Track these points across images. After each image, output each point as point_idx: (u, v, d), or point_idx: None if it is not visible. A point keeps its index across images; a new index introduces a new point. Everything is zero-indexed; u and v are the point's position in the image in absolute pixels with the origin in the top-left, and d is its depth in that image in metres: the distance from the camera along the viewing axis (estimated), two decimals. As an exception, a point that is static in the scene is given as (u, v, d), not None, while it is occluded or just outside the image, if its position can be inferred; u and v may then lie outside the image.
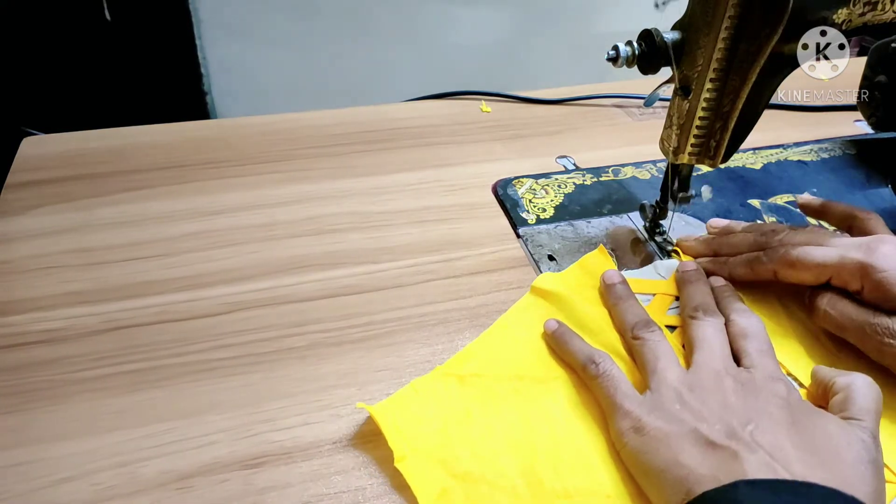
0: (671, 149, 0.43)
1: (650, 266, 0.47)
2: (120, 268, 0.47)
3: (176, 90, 1.28)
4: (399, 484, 0.34)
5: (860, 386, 0.34)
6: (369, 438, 0.36)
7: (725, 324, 0.39)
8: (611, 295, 0.43)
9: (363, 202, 0.54)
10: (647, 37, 0.40)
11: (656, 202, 0.48)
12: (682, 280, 0.44)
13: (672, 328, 0.42)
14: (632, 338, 0.39)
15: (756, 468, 0.29)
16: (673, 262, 0.46)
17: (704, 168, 0.54)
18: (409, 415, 0.36)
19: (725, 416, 0.32)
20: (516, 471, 0.34)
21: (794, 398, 0.34)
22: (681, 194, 0.46)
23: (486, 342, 0.41)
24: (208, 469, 0.35)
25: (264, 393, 0.39)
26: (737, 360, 0.37)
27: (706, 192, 0.46)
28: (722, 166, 0.50)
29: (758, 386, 0.34)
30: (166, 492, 0.34)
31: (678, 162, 0.44)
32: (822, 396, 0.36)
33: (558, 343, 0.40)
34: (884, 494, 0.30)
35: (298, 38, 1.31)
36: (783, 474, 0.29)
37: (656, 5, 1.18)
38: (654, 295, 0.44)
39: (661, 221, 0.49)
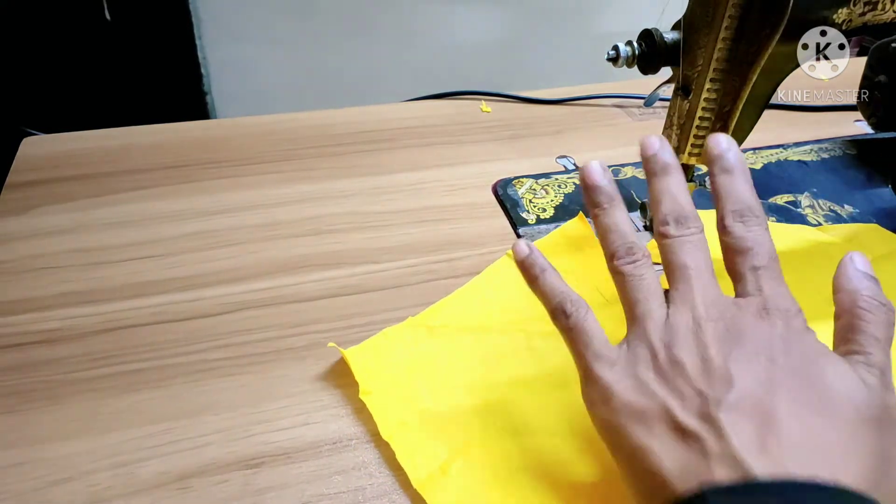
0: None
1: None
2: (119, 268, 0.47)
3: (176, 90, 1.28)
4: (399, 484, 0.34)
5: (867, 307, 0.29)
6: (369, 438, 0.36)
7: (718, 230, 0.31)
8: (598, 198, 0.34)
9: (363, 202, 0.54)
10: (647, 37, 0.40)
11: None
12: (646, 168, 0.34)
13: None
14: (611, 270, 0.32)
15: (723, 466, 0.25)
16: (647, 237, 0.47)
17: (705, 168, 0.54)
18: (377, 357, 0.39)
19: (701, 383, 0.27)
20: (470, 409, 0.37)
21: (791, 341, 0.28)
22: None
23: (457, 298, 0.44)
24: (207, 469, 0.35)
25: (263, 393, 0.39)
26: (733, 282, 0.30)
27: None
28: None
29: (747, 329, 0.28)
30: (165, 492, 0.33)
31: (678, 162, 0.44)
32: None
33: (528, 274, 0.33)
34: (893, 447, 0.26)
35: (298, 38, 1.31)
36: (753, 471, 0.24)
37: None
38: None
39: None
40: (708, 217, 0.31)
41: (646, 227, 0.50)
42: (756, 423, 0.26)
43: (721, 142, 0.32)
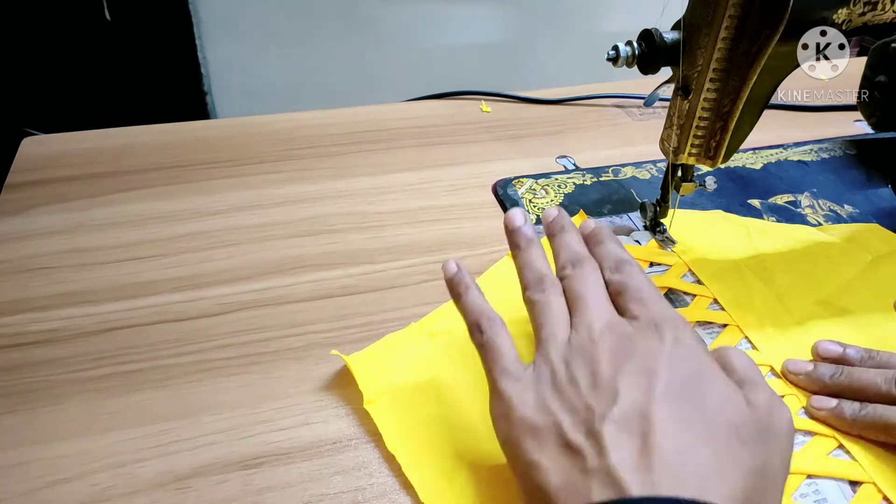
0: (671, 149, 0.43)
1: (626, 238, 0.50)
2: (118, 268, 0.47)
3: (176, 90, 1.28)
4: (399, 484, 0.34)
5: (732, 352, 0.31)
6: (369, 438, 0.36)
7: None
8: (517, 240, 0.37)
9: (362, 202, 0.54)
10: (647, 37, 0.40)
11: (657, 201, 0.48)
12: (548, 233, 0.37)
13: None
14: (525, 300, 0.34)
15: (601, 484, 0.26)
16: (647, 235, 0.50)
17: (704, 167, 0.54)
18: (380, 364, 0.39)
19: (590, 398, 0.29)
20: (477, 416, 0.36)
21: (680, 351, 0.29)
22: (684, 184, 0.45)
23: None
24: (207, 469, 0.34)
25: (262, 393, 0.39)
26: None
27: (710, 182, 0.46)
28: (722, 166, 0.50)
29: (637, 343, 0.30)
30: (165, 492, 0.33)
31: (678, 162, 0.44)
32: None
33: (453, 291, 0.35)
34: (771, 465, 0.27)
35: (298, 38, 1.31)
36: (629, 489, 0.25)
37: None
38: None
39: (661, 220, 0.49)
40: (706, 217, 0.32)
41: (645, 227, 0.50)
42: (635, 439, 0.27)
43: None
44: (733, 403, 0.28)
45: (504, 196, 0.55)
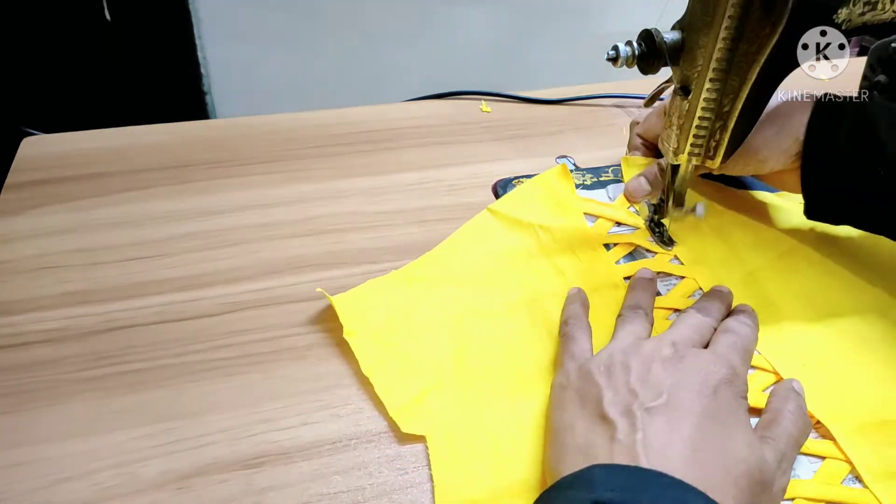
0: (671, 149, 0.43)
1: (602, 189, 0.53)
2: (119, 268, 0.47)
3: (176, 90, 1.28)
4: (399, 484, 0.34)
5: (791, 411, 0.34)
6: (369, 438, 0.36)
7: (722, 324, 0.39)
8: (633, 282, 0.44)
9: (363, 202, 0.54)
10: (647, 37, 0.40)
11: (657, 202, 0.48)
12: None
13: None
14: (619, 314, 0.41)
15: (621, 452, 0.30)
16: (621, 186, 0.53)
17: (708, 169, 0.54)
18: (362, 303, 0.43)
19: (636, 385, 0.32)
20: (446, 351, 0.40)
21: (725, 392, 0.32)
22: (675, 213, 0.46)
23: (437, 253, 0.47)
24: (208, 469, 0.35)
25: (264, 393, 0.39)
26: None
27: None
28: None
29: (696, 365, 0.33)
30: (166, 492, 0.34)
31: (678, 162, 0.44)
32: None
33: (569, 295, 0.43)
34: None
35: (298, 38, 1.31)
36: (643, 462, 0.29)
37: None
38: (597, 218, 0.51)
39: (661, 220, 0.49)
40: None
41: (646, 227, 0.50)
42: (664, 435, 0.30)
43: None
44: (753, 449, 0.31)
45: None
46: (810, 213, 0.45)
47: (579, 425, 0.32)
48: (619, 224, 0.51)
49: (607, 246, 0.48)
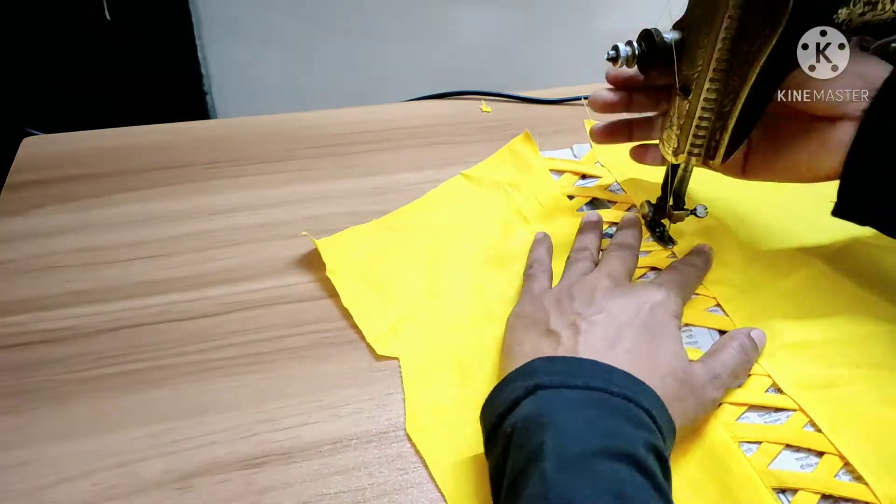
0: (671, 149, 0.43)
1: (568, 149, 0.59)
2: (120, 268, 0.47)
3: (176, 90, 1.28)
4: (399, 484, 0.34)
5: (734, 347, 0.38)
6: (369, 438, 0.36)
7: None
8: (581, 226, 0.48)
9: (363, 202, 0.54)
10: (647, 37, 0.40)
11: (657, 201, 0.48)
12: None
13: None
14: (568, 256, 0.46)
15: (563, 352, 0.34)
16: (586, 146, 0.58)
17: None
18: (344, 246, 0.47)
19: (581, 308, 0.37)
20: (420, 286, 0.45)
21: (659, 311, 0.37)
22: (675, 213, 0.46)
23: (414, 206, 0.52)
24: (208, 469, 0.35)
25: (264, 393, 0.39)
26: None
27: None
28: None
29: (634, 291, 0.39)
30: (167, 491, 0.34)
31: (678, 162, 0.44)
32: None
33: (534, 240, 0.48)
34: (680, 413, 0.33)
35: (298, 38, 1.31)
36: (582, 355, 0.33)
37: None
38: (562, 173, 0.55)
39: (661, 221, 0.49)
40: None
41: (647, 226, 0.50)
42: (604, 340, 0.35)
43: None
44: (681, 358, 0.35)
45: (504, 196, 0.55)
46: (841, 213, 0.42)
47: (528, 339, 0.37)
48: (584, 177, 0.55)
49: (571, 198, 0.53)
